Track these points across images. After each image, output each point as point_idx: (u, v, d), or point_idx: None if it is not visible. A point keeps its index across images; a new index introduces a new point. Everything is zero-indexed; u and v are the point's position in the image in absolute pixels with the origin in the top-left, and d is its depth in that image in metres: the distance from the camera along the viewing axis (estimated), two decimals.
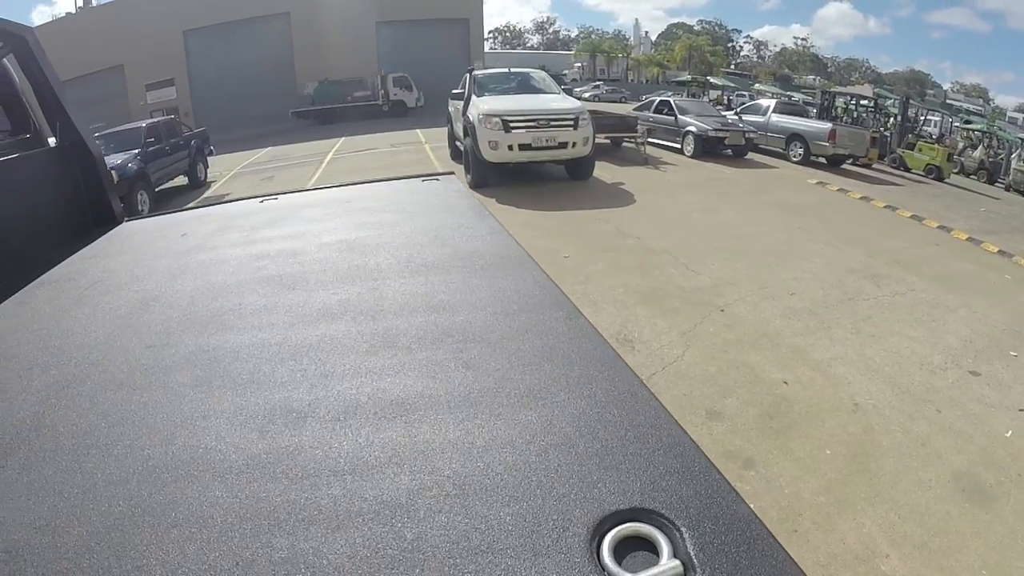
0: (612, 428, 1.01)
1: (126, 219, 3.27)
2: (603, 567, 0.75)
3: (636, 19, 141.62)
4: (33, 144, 3.06)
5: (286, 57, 36.58)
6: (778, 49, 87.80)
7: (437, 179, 3.40)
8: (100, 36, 32.12)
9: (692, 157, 14.76)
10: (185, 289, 2.00)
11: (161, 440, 1.16)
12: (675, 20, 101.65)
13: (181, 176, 14.86)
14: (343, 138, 23.24)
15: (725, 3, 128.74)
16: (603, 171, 12.02)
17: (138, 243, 2.79)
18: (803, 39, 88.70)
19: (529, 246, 2.15)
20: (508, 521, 0.83)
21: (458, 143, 13.17)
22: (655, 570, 0.74)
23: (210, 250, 2.44)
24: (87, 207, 3.23)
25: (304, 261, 2.13)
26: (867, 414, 3.95)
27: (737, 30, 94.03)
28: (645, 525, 0.80)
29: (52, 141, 3.15)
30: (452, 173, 3.54)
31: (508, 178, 10.83)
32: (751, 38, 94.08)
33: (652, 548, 0.79)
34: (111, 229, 3.06)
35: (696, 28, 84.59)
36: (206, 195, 14.36)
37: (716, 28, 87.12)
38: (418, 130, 22.62)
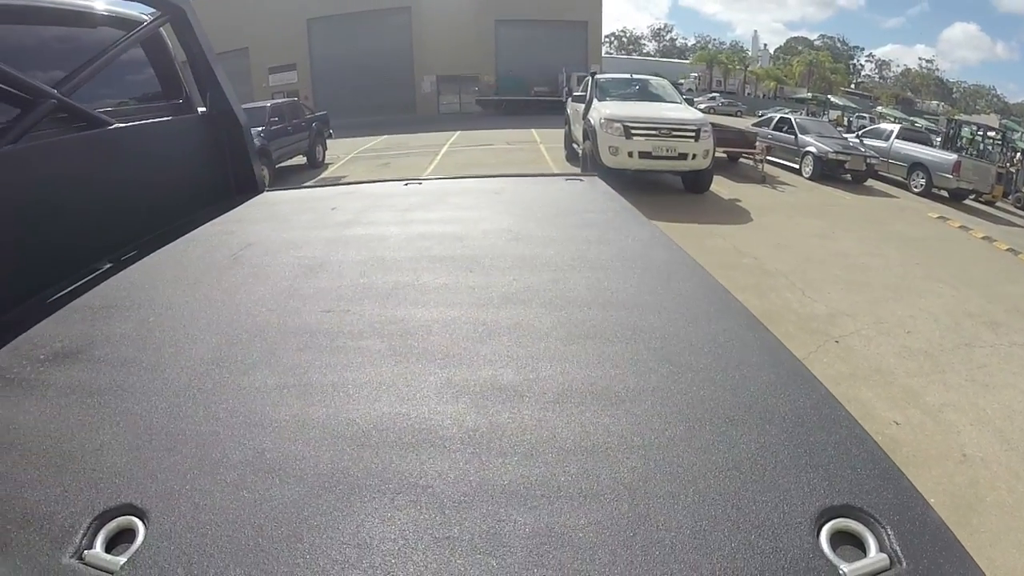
0: (815, 433, 0.99)
1: (266, 189, 3.24)
2: (823, 554, 0.77)
3: (755, 31, 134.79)
4: (184, 110, 3.04)
5: (405, 50, 35.74)
6: (901, 70, 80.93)
7: (581, 180, 3.28)
8: (227, 20, 31.60)
9: (810, 179, 13.77)
10: (350, 260, 1.94)
11: (363, 405, 1.11)
12: (795, 34, 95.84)
13: (300, 156, 14.74)
14: (458, 132, 23.06)
15: (847, 18, 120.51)
16: (719, 186, 11.55)
17: (284, 212, 2.72)
18: (928, 61, 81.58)
19: None
20: (744, 505, 0.83)
21: (575, 145, 12.74)
22: (866, 560, 0.75)
23: (366, 226, 2.37)
24: (230, 174, 3.18)
25: (471, 245, 2.05)
26: (974, 466, 3.71)
27: (859, 47, 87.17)
28: (853, 521, 0.81)
29: (202, 109, 3.13)
30: (595, 175, 3.48)
31: (625, 185, 10.63)
32: (873, 57, 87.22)
33: (856, 541, 0.79)
34: (252, 197, 3.02)
35: (817, 43, 79.04)
36: (323, 175, 14.41)
37: (837, 44, 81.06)
38: (533, 130, 22.16)
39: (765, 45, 79.39)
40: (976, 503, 3.40)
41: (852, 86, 69.38)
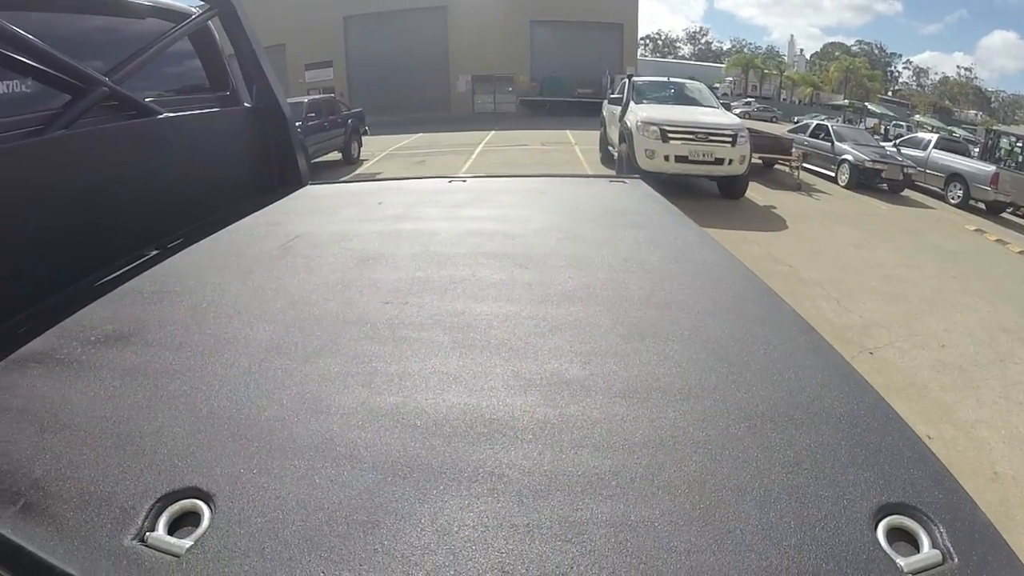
0: (869, 434, 1.00)
1: (310, 183, 3.20)
2: (881, 548, 0.78)
3: (791, 35, 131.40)
4: (230, 102, 3.02)
5: (440, 49, 34.86)
6: (939, 78, 78.24)
7: (624, 182, 3.25)
8: (265, 16, 30.49)
9: (846, 187, 13.40)
10: (403, 253, 1.92)
11: (431, 394, 1.09)
12: (832, 39, 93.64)
13: (335, 152, 14.55)
14: (493, 132, 22.89)
15: (885, 24, 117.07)
16: (754, 192, 11.35)
17: (329, 205, 2.68)
18: (967, 69, 78.42)
19: None
20: (807, 500, 0.85)
21: (610, 148, 12.55)
22: (921, 556, 0.77)
23: (415, 220, 2.35)
24: (274, 166, 3.16)
25: (523, 243, 2.03)
26: (1005, 484, 3.65)
27: (896, 54, 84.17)
28: (908, 519, 0.83)
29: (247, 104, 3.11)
30: (638, 177, 3.46)
31: (659, 189, 10.46)
32: (910, 64, 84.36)
33: (909, 537, 0.81)
34: (296, 190, 2.98)
35: (854, 49, 76.95)
36: (358, 172, 14.26)
37: (875, 50, 78.72)
38: (567, 131, 21.92)
39: (801, 50, 77.27)
40: (1006, 521, 3.35)
41: (889, 93, 67.47)
